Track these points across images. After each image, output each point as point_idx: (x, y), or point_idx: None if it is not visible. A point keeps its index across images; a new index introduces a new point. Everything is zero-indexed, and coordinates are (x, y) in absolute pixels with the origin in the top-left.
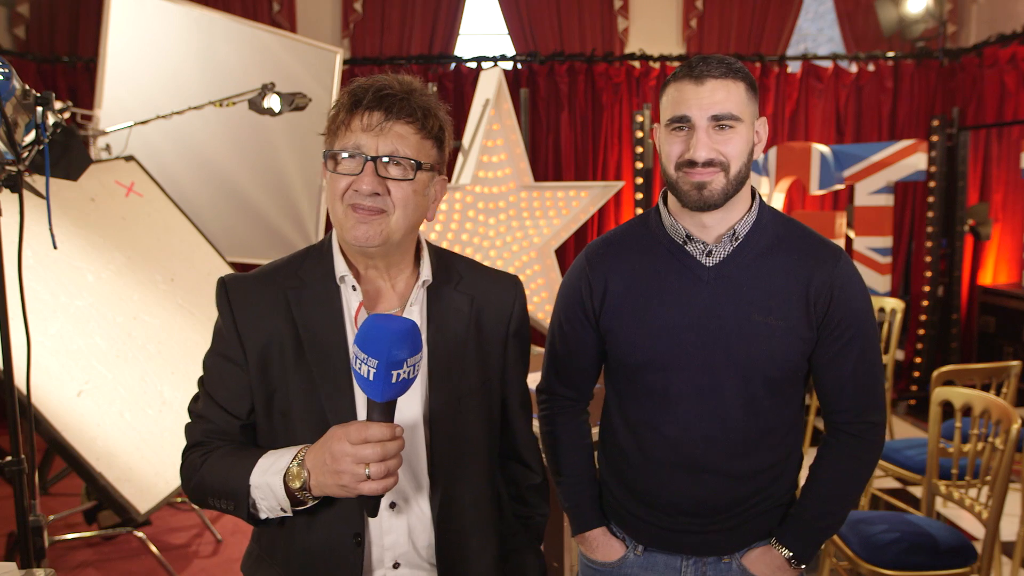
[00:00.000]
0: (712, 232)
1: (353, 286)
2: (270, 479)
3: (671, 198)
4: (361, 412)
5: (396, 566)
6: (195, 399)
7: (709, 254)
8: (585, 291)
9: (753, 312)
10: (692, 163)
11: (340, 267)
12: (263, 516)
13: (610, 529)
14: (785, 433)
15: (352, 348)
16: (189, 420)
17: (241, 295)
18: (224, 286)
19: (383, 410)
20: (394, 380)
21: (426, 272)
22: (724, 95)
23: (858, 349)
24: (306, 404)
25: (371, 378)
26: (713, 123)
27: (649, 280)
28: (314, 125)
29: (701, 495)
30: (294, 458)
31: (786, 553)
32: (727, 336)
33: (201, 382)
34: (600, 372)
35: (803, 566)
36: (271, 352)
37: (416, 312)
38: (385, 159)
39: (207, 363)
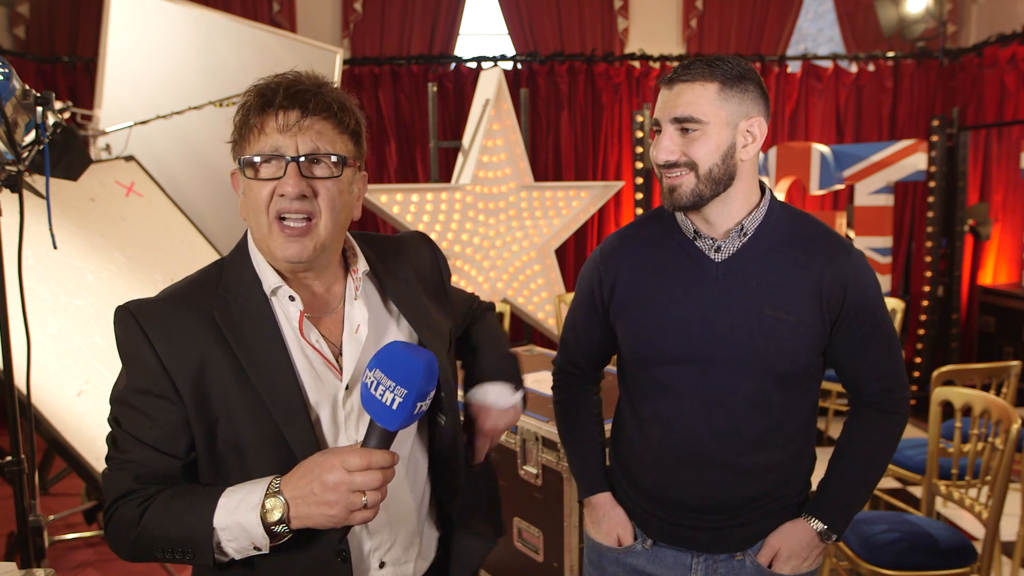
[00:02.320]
0: (717, 228)
1: (291, 296)
2: (241, 518)
3: None
4: (327, 427)
5: (382, 566)
6: (112, 444)
7: (718, 249)
8: (596, 283)
9: (763, 307)
10: (659, 165)
11: (271, 279)
12: (229, 559)
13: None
14: (797, 430)
15: (372, 373)
16: (108, 471)
17: (156, 323)
18: (131, 315)
19: (385, 438)
20: (415, 411)
21: (363, 264)
22: (690, 98)
23: (877, 338)
24: (258, 430)
25: (394, 407)
26: (676, 125)
27: (658, 274)
28: None
29: (710, 492)
30: (266, 491)
31: (818, 525)
32: (736, 331)
33: (118, 424)
34: (610, 357)
35: (835, 538)
36: (206, 379)
37: (362, 305)
38: (304, 158)
39: (125, 402)
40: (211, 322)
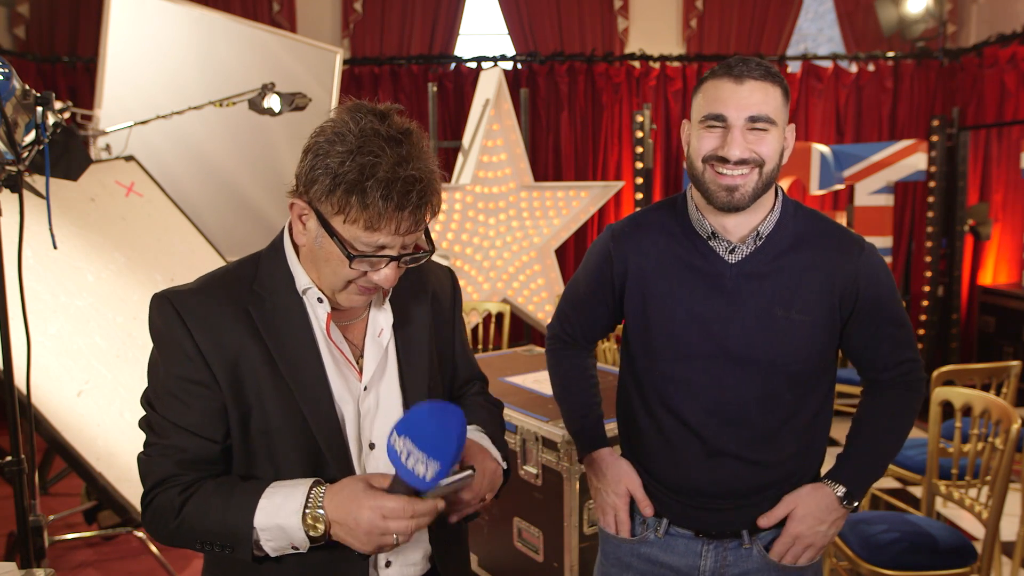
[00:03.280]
0: (736, 233)
1: (320, 298)
2: (283, 521)
3: (696, 193)
4: (351, 425)
5: (388, 564)
6: (150, 430)
7: (732, 251)
8: (607, 263)
9: (775, 307)
10: (723, 160)
11: (303, 279)
12: (265, 555)
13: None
14: (807, 424)
15: (401, 440)
16: (146, 456)
17: (194, 313)
18: (169, 304)
19: (414, 494)
20: (449, 475)
21: None
22: (762, 97)
23: (891, 330)
24: (288, 422)
25: (427, 478)
26: (749, 124)
27: (672, 269)
28: (314, 125)
29: (722, 480)
30: (306, 501)
31: (840, 490)
32: (747, 331)
33: (155, 410)
34: (607, 333)
35: (855, 505)
36: (242, 370)
37: (387, 310)
38: (407, 257)
39: (164, 389)
40: (246, 316)
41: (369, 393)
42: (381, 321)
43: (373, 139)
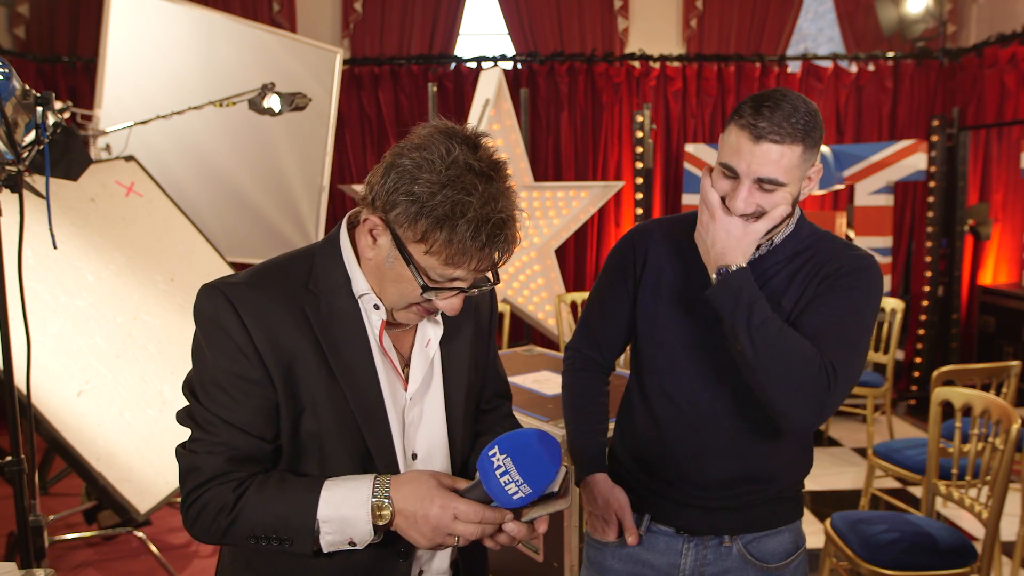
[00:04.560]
0: None
1: (376, 305)
2: (349, 512)
3: None
4: (396, 433)
5: (421, 574)
6: (195, 425)
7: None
8: (630, 259)
9: (776, 303)
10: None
11: (360, 284)
12: (321, 550)
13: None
14: None
15: (502, 457)
16: (191, 452)
17: (251, 309)
18: (224, 297)
19: (488, 502)
20: (537, 500)
21: None
22: (776, 157)
23: (832, 307)
24: (339, 426)
25: (515, 498)
26: (757, 183)
27: (683, 264)
28: (314, 125)
29: (712, 471)
30: (373, 491)
31: (737, 264)
32: None
33: (200, 404)
34: (626, 345)
35: (731, 266)
36: (297, 370)
37: (437, 322)
38: (476, 289)
39: (216, 383)
40: (302, 317)
41: (414, 404)
42: (430, 332)
43: (465, 173)
